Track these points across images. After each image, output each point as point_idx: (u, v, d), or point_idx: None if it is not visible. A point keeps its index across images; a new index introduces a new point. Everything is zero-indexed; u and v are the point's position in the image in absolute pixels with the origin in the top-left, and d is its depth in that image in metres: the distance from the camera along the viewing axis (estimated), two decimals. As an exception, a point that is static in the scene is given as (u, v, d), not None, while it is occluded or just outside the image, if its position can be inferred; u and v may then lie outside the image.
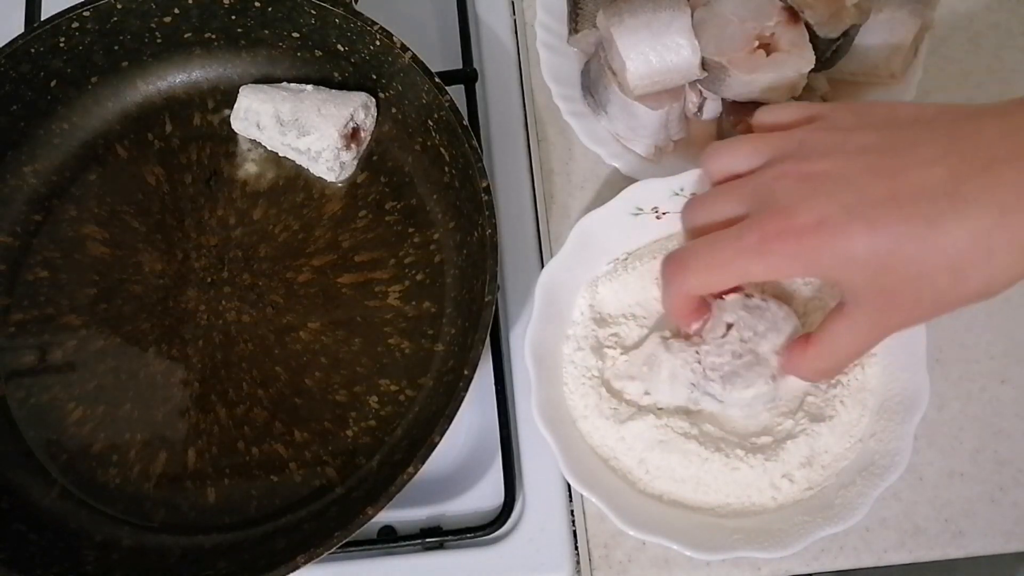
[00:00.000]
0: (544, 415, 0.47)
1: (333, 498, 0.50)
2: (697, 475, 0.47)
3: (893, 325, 0.39)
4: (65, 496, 0.51)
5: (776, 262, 0.38)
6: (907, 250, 0.35)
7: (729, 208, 0.40)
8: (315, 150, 0.55)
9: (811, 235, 0.36)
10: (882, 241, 0.35)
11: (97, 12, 0.54)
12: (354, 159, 0.56)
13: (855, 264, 0.36)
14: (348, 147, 0.55)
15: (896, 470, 0.46)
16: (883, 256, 0.36)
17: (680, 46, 0.51)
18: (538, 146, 0.59)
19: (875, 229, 0.35)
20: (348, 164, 0.56)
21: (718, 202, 0.41)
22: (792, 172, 0.38)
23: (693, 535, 0.46)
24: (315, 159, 0.55)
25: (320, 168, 0.56)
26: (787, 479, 0.47)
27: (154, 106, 0.59)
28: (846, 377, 0.48)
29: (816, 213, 0.36)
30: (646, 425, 0.48)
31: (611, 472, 0.48)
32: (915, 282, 0.36)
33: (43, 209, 0.57)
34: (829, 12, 0.51)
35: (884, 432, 0.47)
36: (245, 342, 0.53)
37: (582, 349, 0.50)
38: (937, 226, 0.35)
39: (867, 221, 0.36)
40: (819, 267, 0.38)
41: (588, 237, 0.51)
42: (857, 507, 0.45)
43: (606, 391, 0.49)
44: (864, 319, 0.39)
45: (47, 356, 0.54)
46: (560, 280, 0.50)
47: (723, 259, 0.39)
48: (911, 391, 0.47)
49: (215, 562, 0.48)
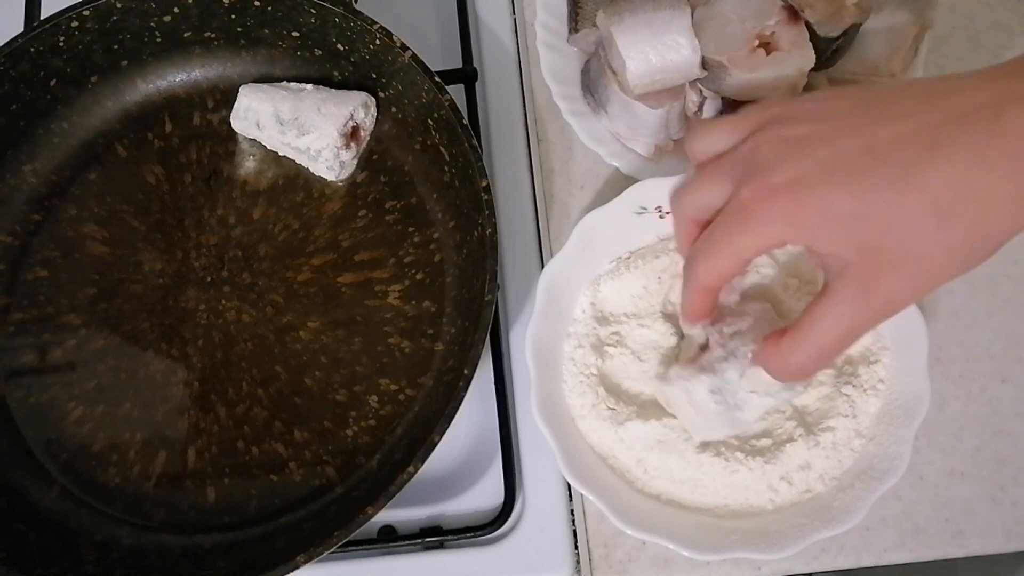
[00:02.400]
0: (543, 413, 0.47)
1: (333, 497, 0.50)
2: (695, 476, 0.47)
3: (882, 299, 0.35)
4: (65, 495, 0.51)
5: (759, 228, 0.36)
6: (886, 197, 0.34)
7: (714, 187, 0.39)
8: (315, 149, 0.55)
9: (788, 193, 0.35)
10: (860, 191, 0.34)
11: (97, 11, 0.54)
12: (354, 158, 0.56)
13: (835, 219, 0.35)
14: (348, 146, 0.55)
15: (895, 474, 0.46)
16: (863, 208, 0.34)
17: (680, 45, 0.51)
18: (538, 145, 0.59)
19: (852, 180, 0.34)
20: (348, 163, 0.56)
21: (703, 185, 0.40)
22: (769, 138, 0.37)
23: (690, 535, 0.46)
24: (315, 158, 0.55)
25: (320, 167, 0.56)
26: (785, 481, 0.47)
27: (154, 105, 0.59)
28: (851, 385, 0.48)
29: (792, 171, 0.35)
30: (645, 426, 0.48)
31: (609, 471, 0.48)
32: (899, 233, 0.34)
33: (43, 208, 0.57)
34: (829, 11, 0.51)
35: (884, 436, 0.47)
36: (245, 341, 0.53)
37: (582, 347, 0.50)
38: (913, 170, 0.34)
39: (844, 173, 0.34)
40: (800, 226, 0.35)
41: (591, 235, 0.51)
42: (855, 510, 0.45)
43: (604, 390, 0.49)
44: (849, 293, 0.35)
45: (47, 355, 0.54)
46: (562, 278, 0.50)
47: (717, 241, 0.38)
48: (912, 396, 0.47)
49: (215, 561, 0.48)
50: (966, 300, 0.55)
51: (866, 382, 0.49)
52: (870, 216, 0.34)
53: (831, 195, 0.34)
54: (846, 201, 0.34)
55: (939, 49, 0.60)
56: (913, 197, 0.34)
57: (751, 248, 0.37)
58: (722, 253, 0.38)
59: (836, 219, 0.35)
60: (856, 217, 0.34)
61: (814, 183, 0.35)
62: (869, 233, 0.34)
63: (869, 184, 0.34)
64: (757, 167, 0.36)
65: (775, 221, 0.36)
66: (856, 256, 0.35)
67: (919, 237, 0.34)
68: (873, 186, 0.34)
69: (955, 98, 0.35)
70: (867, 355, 0.49)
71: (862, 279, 0.35)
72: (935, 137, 0.34)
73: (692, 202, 0.40)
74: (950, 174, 0.33)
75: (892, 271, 0.35)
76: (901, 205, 0.34)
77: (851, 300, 0.35)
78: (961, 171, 0.33)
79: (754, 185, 0.36)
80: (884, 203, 0.34)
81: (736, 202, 0.37)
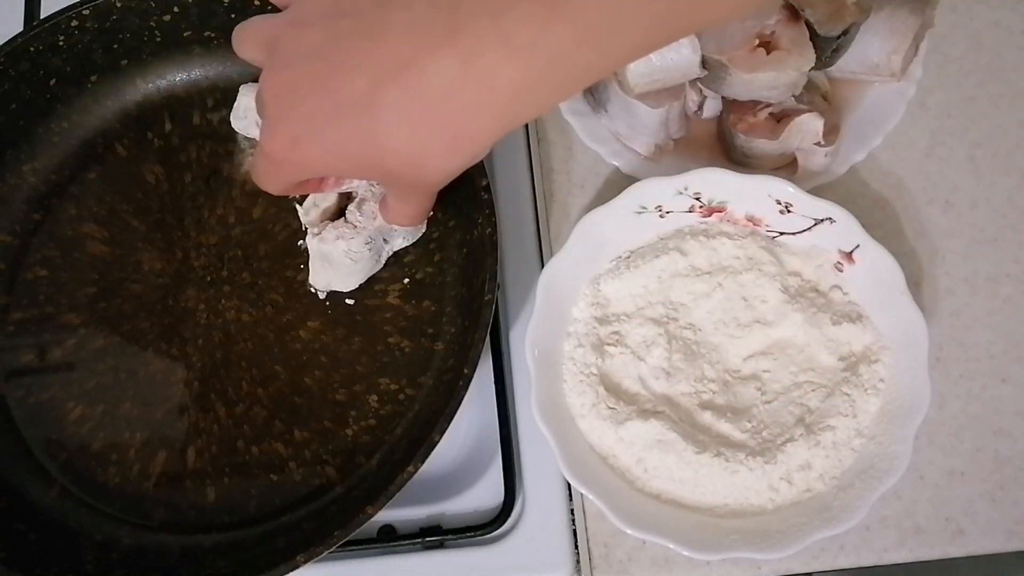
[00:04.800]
0: (543, 412, 0.47)
1: (333, 497, 0.50)
2: (695, 475, 0.47)
3: (422, 186, 0.42)
4: (64, 495, 0.51)
5: (285, 176, 0.41)
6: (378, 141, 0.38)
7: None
8: (315, 149, 0.55)
9: (289, 155, 0.39)
10: (350, 147, 0.38)
11: (96, 10, 0.54)
12: (354, 158, 0.56)
13: (348, 166, 0.40)
14: (348, 146, 0.55)
15: (895, 474, 0.46)
16: (362, 156, 0.38)
17: (680, 44, 0.51)
18: (538, 145, 0.59)
19: (332, 142, 0.38)
20: (348, 163, 0.56)
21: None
22: (270, 86, 0.39)
23: (690, 535, 0.46)
24: (315, 158, 0.55)
25: (320, 167, 0.56)
26: (786, 481, 0.47)
27: (153, 105, 0.59)
28: (851, 384, 0.48)
29: (289, 134, 0.39)
30: (645, 425, 0.48)
31: (609, 470, 0.48)
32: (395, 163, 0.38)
33: (42, 208, 0.57)
34: (829, 10, 0.50)
35: (884, 435, 0.47)
36: (245, 341, 0.53)
37: (582, 346, 0.50)
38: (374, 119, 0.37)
39: (325, 137, 0.38)
40: (316, 170, 0.41)
41: (591, 235, 0.51)
42: (855, 509, 0.45)
43: (604, 389, 0.49)
44: (400, 195, 0.45)
45: (46, 355, 0.53)
46: (562, 277, 0.50)
47: (262, 180, 0.43)
48: (912, 395, 0.47)
49: (215, 561, 0.48)
50: (966, 300, 0.55)
51: (866, 381, 0.49)
52: (372, 161, 0.39)
53: (328, 156, 0.39)
54: (348, 154, 0.39)
55: (939, 48, 0.60)
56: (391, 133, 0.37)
57: (288, 189, 0.43)
58: (272, 188, 0.43)
59: (347, 166, 0.40)
60: (366, 166, 0.39)
61: (311, 146, 0.39)
62: (381, 168, 0.39)
63: (348, 142, 0.38)
64: (268, 119, 0.40)
65: (296, 170, 0.41)
66: (385, 180, 0.44)
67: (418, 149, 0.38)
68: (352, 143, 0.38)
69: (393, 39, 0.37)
70: (867, 354, 0.49)
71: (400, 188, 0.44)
72: (376, 100, 0.37)
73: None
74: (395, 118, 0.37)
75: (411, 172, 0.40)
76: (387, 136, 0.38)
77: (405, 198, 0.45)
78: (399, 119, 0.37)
79: (266, 143, 0.40)
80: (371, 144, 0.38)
81: (261, 152, 0.41)
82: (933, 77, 0.59)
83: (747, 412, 0.49)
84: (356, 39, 0.37)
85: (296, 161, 0.40)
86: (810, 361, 0.50)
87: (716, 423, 0.49)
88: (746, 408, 0.49)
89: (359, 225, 0.51)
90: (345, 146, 0.38)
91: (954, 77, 0.60)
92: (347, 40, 0.37)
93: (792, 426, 0.48)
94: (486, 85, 0.35)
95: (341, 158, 0.39)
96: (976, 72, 0.60)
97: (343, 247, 0.51)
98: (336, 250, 0.51)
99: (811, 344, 0.50)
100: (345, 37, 0.38)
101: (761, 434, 0.48)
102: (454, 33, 0.35)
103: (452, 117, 0.36)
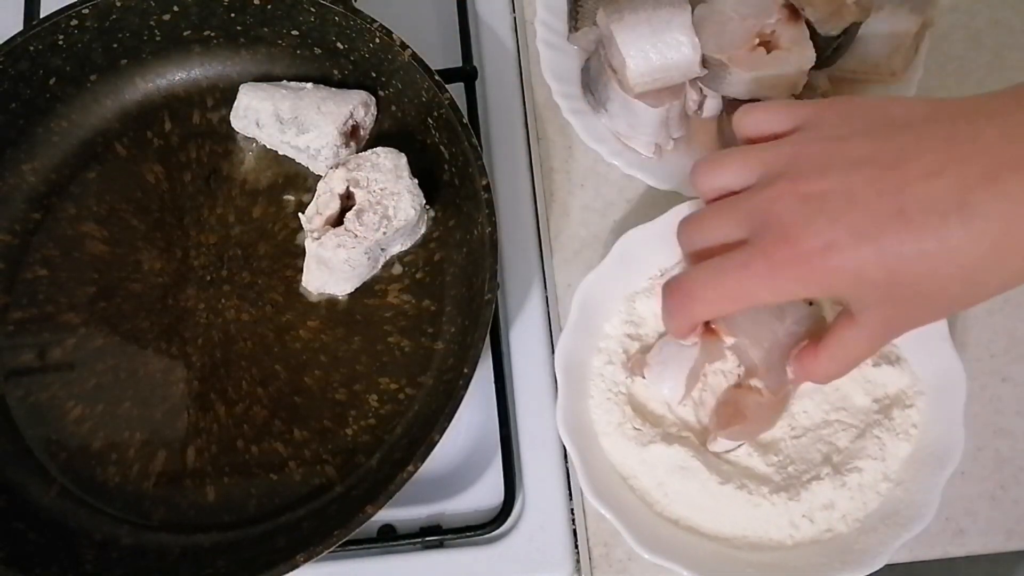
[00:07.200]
0: (568, 426, 0.47)
1: (333, 497, 0.50)
2: (716, 505, 0.46)
3: (903, 328, 0.39)
4: (64, 495, 0.51)
5: (785, 286, 0.37)
6: (919, 268, 0.35)
7: (727, 230, 0.40)
8: (314, 148, 0.55)
9: (819, 260, 0.36)
10: (892, 260, 0.35)
11: (96, 10, 0.54)
12: (354, 157, 0.56)
13: (866, 284, 0.36)
14: (347, 145, 0.55)
15: (921, 522, 0.45)
16: (894, 274, 0.35)
17: (680, 43, 0.51)
18: (538, 144, 0.59)
19: (884, 249, 0.35)
20: (348, 162, 0.56)
21: (715, 224, 0.40)
22: (789, 192, 0.37)
23: (706, 563, 0.45)
24: (314, 157, 0.55)
25: (319, 166, 0.56)
26: (807, 519, 0.46)
27: (153, 104, 0.59)
28: (882, 427, 0.48)
29: (822, 237, 0.36)
30: (668, 450, 0.47)
31: (630, 491, 0.48)
32: (927, 294, 0.36)
33: (42, 207, 0.57)
34: (830, 10, 0.50)
35: (912, 482, 0.46)
36: (244, 340, 0.53)
37: (612, 363, 0.50)
38: (947, 241, 0.34)
39: (875, 241, 0.35)
40: (829, 289, 0.37)
41: (630, 252, 0.50)
42: (876, 555, 0.45)
43: (631, 409, 0.49)
44: (874, 325, 0.39)
45: (46, 355, 0.53)
46: (598, 292, 0.50)
47: (731, 289, 0.39)
48: (944, 444, 0.46)
49: (214, 561, 0.48)
50: (966, 299, 0.55)
51: (899, 425, 0.47)
52: (900, 283, 0.36)
53: (862, 265, 0.36)
54: (877, 271, 0.35)
55: (939, 47, 0.60)
56: (945, 270, 0.35)
57: (767, 299, 0.38)
58: (734, 299, 0.39)
59: (867, 285, 0.36)
60: (887, 285, 0.36)
61: (846, 252, 0.36)
62: (897, 294, 0.36)
63: (901, 254, 0.35)
64: (783, 226, 0.37)
65: (804, 283, 0.37)
66: (883, 306, 0.38)
67: (947, 297, 0.36)
68: (905, 257, 0.35)
69: (979, 144, 0.35)
70: (902, 398, 0.48)
71: (887, 319, 0.38)
72: (967, 203, 0.34)
73: (702, 240, 0.41)
74: (982, 244, 0.34)
75: (916, 315, 0.38)
76: (933, 276, 0.35)
77: (876, 329, 0.39)
78: (993, 241, 0.34)
79: (784, 250, 0.37)
80: (916, 273, 0.35)
81: (764, 260, 0.37)
82: (933, 77, 0.59)
83: (774, 446, 0.48)
84: (932, 146, 0.35)
85: (823, 269, 0.36)
86: (844, 400, 0.49)
87: (742, 454, 0.48)
88: (774, 441, 0.48)
89: (359, 235, 0.51)
90: (898, 250, 0.35)
91: (954, 77, 0.59)
92: (914, 149, 0.36)
93: (819, 464, 0.47)
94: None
95: (860, 280, 0.36)
96: (976, 72, 0.60)
97: (343, 255, 0.51)
98: (336, 257, 0.51)
99: (846, 383, 0.49)
100: (907, 147, 0.36)
101: (787, 469, 0.47)
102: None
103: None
